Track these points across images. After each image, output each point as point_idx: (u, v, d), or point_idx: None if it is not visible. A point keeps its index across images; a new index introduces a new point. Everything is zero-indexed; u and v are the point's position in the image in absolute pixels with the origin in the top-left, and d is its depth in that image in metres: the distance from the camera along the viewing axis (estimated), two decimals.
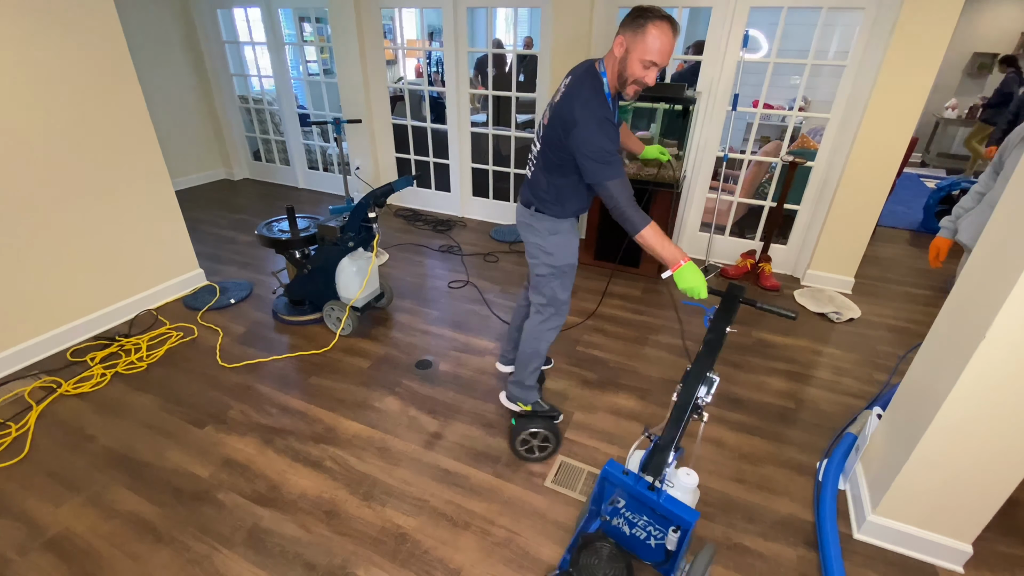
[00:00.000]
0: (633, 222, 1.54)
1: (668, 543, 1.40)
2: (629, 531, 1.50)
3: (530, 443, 1.99)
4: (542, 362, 2.01)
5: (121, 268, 2.85)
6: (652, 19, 1.47)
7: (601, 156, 1.55)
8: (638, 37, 1.49)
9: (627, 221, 1.55)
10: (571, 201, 1.78)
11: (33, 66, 2.31)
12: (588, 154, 1.56)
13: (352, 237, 2.67)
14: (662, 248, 1.53)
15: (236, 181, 5.57)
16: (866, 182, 3.07)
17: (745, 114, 3.74)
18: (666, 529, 1.39)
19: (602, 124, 1.56)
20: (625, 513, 1.48)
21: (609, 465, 1.42)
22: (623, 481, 1.38)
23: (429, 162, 4.61)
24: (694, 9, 5.98)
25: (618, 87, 1.61)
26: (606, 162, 1.55)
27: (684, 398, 1.39)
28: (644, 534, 1.47)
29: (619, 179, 1.56)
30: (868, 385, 2.51)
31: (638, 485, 1.36)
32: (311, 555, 1.63)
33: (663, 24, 1.47)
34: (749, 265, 3.50)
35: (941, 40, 2.64)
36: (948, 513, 1.59)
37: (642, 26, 1.48)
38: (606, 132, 1.56)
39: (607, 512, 1.50)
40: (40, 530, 1.70)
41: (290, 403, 2.30)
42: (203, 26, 4.90)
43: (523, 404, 2.05)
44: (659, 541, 1.44)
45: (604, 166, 1.55)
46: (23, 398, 2.28)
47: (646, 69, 1.52)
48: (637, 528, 1.47)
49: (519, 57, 4.96)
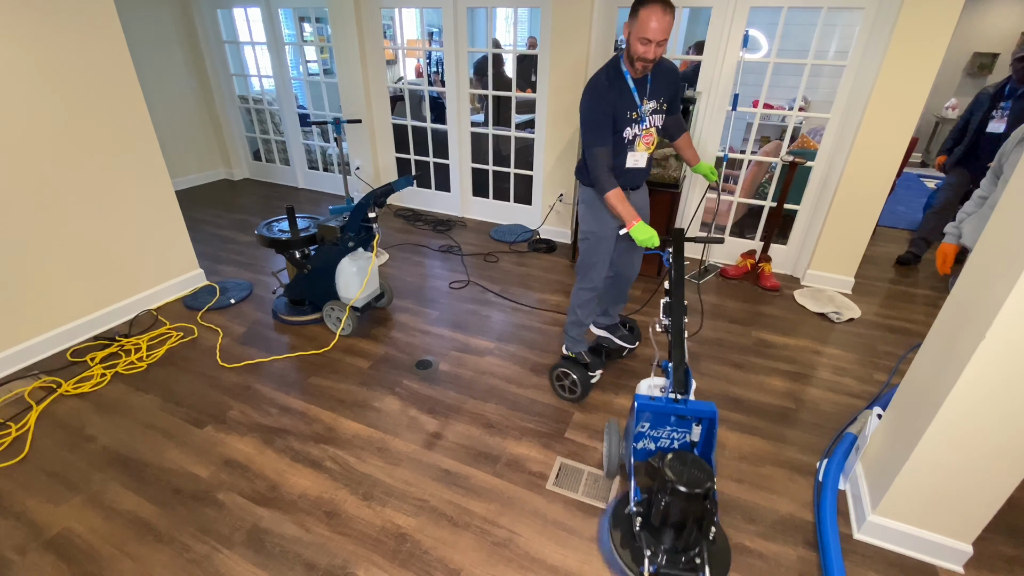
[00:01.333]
0: (602, 185, 1.90)
1: (693, 436, 1.73)
2: (655, 446, 1.79)
3: (563, 381, 2.33)
4: (582, 325, 2.36)
5: (121, 268, 2.85)
6: (644, 4, 1.72)
7: (588, 125, 1.90)
8: (634, 20, 1.76)
9: (598, 182, 1.91)
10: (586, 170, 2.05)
11: (33, 66, 2.31)
12: (582, 121, 1.93)
13: (352, 237, 2.67)
14: (622, 209, 1.88)
15: (236, 181, 5.57)
16: (866, 182, 3.07)
17: (745, 114, 3.74)
18: (689, 428, 1.72)
19: (594, 100, 1.87)
20: (650, 433, 1.76)
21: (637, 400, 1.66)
22: (656, 405, 1.65)
23: (429, 162, 4.61)
24: (694, 9, 5.99)
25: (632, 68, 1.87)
26: (591, 131, 1.89)
27: (678, 323, 1.73)
28: (668, 441, 1.78)
29: (600, 148, 1.89)
30: (868, 385, 2.51)
31: (668, 404, 1.64)
32: (311, 555, 1.63)
33: (653, 6, 1.70)
34: (749, 265, 3.50)
35: (941, 40, 2.64)
36: (948, 513, 1.59)
37: (636, 11, 1.74)
38: (597, 106, 1.87)
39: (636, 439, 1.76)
40: (40, 530, 1.70)
41: (290, 403, 2.30)
42: (203, 26, 4.90)
43: (570, 352, 2.41)
44: (682, 441, 1.76)
45: (589, 134, 1.90)
46: (23, 398, 2.28)
47: (644, 46, 1.76)
48: (662, 440, 1.78)
49: (519, 57, 4.95)
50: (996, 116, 3.35)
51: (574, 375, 2.26)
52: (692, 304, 3.20)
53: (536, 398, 2.35)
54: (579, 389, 2.27)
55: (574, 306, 2.31)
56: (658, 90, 1.97)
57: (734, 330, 2.92)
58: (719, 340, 2.82)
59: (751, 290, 3.41)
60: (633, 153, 2.02)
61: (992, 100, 3.36)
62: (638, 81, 1.91)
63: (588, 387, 2.29)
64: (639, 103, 1.92)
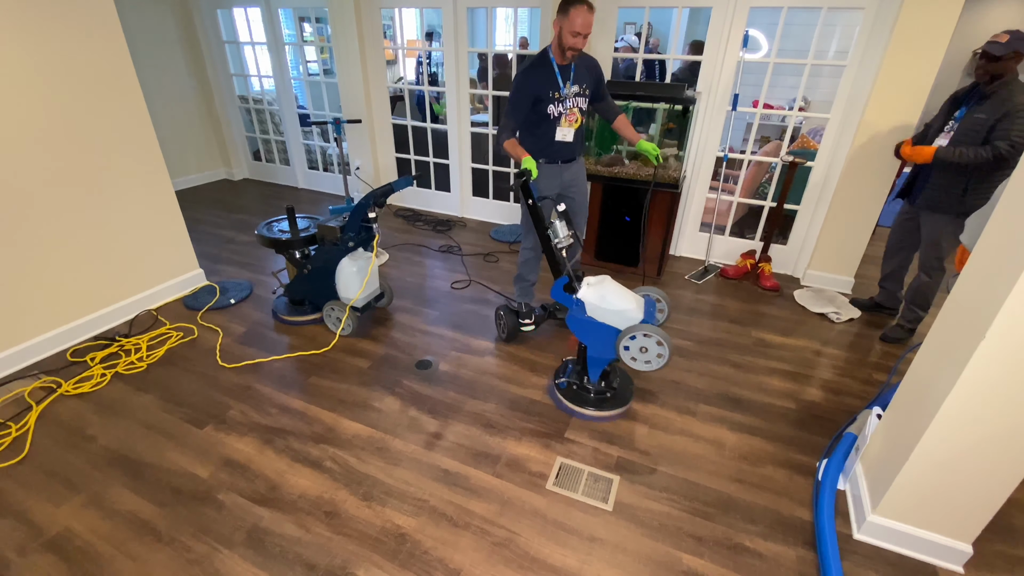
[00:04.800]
0: (499, 139, 2.33)
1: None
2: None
3: (499, 321, 2.78)
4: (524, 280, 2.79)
5: (121, 268, 2.85)
6: (573, 4, 2.12)
7: (512, 99, 2.34)
8: (564, 17, 2.16)
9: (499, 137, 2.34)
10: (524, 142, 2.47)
11: (33, 66, 2.31)
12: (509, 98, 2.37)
13: (352, 237, 2.67)
14: (515, 152, 2.29)
15: (236, 181, 5.57)
16: (866, 182, 3.07)
17: (745, 114, 3.73)
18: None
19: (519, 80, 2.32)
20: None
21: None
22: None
23: (429, 162, 4.61)
24: (694, 9, 5.99)
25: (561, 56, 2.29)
26: (512, 104, 2.34)
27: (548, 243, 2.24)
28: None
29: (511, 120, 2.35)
30: (868, 385, 2.51)
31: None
32: (311, 555, 1.63)
33: (580, 6, 2.11)
34: (749, 265, 3.50)
35: (941, 40, 2.64)
36: (948, 513, 1.59)
37: (567, 9, 2.14)
38: (523, 86, 2.31)
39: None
40: (40, 530, 1.70)
41: (290, 403, 2.30)
42: (203, 26, 4.90)
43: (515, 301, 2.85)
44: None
45: (510, 107, 2.35)
46: (23, 398, 2.28)
47: (573, 37, 2.17)
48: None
49: (519, 57, 4.96)
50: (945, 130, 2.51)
51: (506, 319, 2.70)
52: (692, 304, 3.20)
53: (536, 398, 2.35)
54: (510, 332, 2.73)
55: (519, 263, 2.78)
56: (580, 77, 2.38)
57: (734, 330, 2.92)
58: (719, 340, 2.82)
59: (751, 290, 3.41)
60: (560, 128, 2.41)
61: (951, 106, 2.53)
62: (563, 68, 2.33)
63: (515, 332, 2.75)
64: (562, 85, 2.34)
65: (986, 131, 2.29)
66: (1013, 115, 2.20)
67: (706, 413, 2.29)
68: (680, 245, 3.90)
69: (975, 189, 2.38)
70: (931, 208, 2.56)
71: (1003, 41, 2.22)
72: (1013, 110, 2.21)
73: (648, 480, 1.93)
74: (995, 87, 2.29)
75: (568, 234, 2.17)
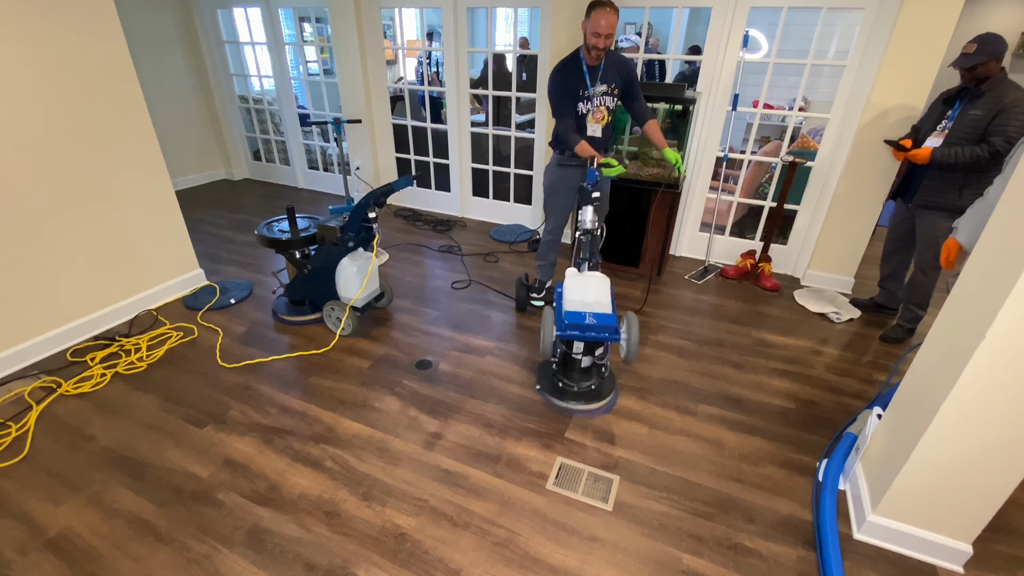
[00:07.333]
0: (571, 142, 2.46)
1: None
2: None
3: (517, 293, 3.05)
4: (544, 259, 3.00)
5: (121, 268, 2.85)
6: (596, 7, 2.28)
7: (552, 99, 2.53)
8: (588, 20, 2.32)
9: (568, 141, 2.47)
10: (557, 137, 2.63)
11: (33, 66, 2.31)
12: (549, 97, 2.55)
13: (352, 237, 2.67)
14: (586, 154, 2.43)
15: (236, 181, 5.57)
16: (866, 182, 3.07)
17: (745, 114, 3.74)
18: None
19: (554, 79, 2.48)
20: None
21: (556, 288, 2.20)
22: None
23: (429, 162, 4.61)
24: (694, 9, 6.00)
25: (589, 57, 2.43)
26: (555, 104, 2.52)
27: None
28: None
29: (563, 120, 2.50)
30: (868, 385, 2.51)
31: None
32: (311, 555, 1.63)
33: (602, 8, 2.27)
34: (749, 265, 3.50)
35: (941, 40, 2.64)
36: (948, 513, 1.59)
37: (589, 12, 2.31)
38: (557, 85, 2.47)
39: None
40: (40, 530, 1.70)
41: (290, 403, 2.30)
42: (203, 26, 4.90)
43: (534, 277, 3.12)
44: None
45: (555, 107, 2.52)
46: (23, 398, 2.28)
47: (595, 38, 2.32)
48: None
49: (519, 57, 4.95)
50: (938, 128, 2.54)
51: (519, 290, 3.02)
52: (692, 304, 3.20)
53: (536, 398, 2.35)
54: (516, 301, 3.06)
55: (540, 244, 2.97)
56: (609, 76, 2.50)
57: (734, 330, 2.92)
58: (719, 340, 2.82)
59: (751, 290, 3.41)
60: (589, 124, 2.57)
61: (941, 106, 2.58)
62: (592, 68, 2.47)
63: (524, 303, 3.04)
64: (590, 85, 2.48)
65: (983, 127, 2.31)
66: (1008, 111, 2.24)
67: (706, 413, 2.29)
68: (680, 245, 3.90)
69: (971, 186, 2.39)
70: (928, 206, 2.56)
71: (971, 52, 2.31)
72: (1008, 106, 2.25)
73: (648, 480, 1.93)
74: (987, 86, 2.34)
75: (594, 218, 2.34)
